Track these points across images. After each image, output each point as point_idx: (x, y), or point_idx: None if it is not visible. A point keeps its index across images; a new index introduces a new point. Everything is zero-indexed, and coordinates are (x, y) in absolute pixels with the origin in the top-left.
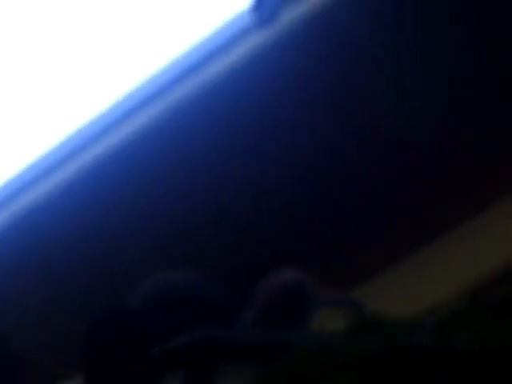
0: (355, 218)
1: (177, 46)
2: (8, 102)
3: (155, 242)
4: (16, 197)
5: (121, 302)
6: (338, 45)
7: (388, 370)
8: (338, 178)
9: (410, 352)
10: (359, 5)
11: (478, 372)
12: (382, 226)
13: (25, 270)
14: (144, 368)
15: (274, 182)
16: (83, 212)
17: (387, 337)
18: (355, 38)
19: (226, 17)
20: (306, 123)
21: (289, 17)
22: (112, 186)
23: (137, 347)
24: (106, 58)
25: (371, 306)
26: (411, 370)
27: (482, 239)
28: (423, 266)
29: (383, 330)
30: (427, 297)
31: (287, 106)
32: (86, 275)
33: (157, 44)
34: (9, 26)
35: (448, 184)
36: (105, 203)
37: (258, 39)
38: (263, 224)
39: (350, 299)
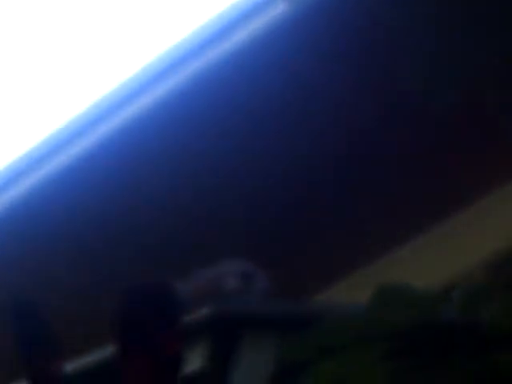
0: (373, 185)
1: (182, 28)
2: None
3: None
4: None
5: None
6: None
7: (416, 343)
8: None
9: (438, 325)
10: None
11: (505, 347)
12: (402, 197)
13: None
14: (173, 339)
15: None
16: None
17: (414, 309)
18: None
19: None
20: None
21: None
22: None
23: (167, 319)
24: (100, 47)
25: (392, 279)
26: (439, 344)
27: (503, 212)
28: (442, 239)
29: (410, 302)
30: (446, 270)
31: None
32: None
33: (156, 31)
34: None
35: (470, 158)
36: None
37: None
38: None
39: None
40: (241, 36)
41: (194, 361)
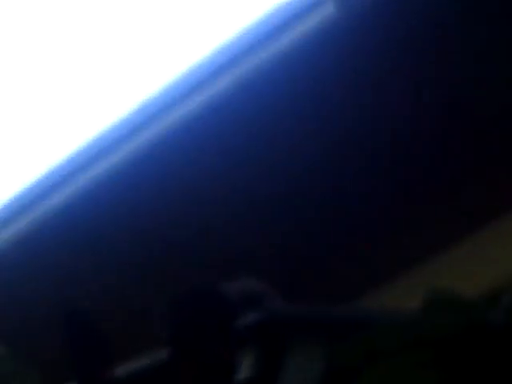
0: (429, 186)
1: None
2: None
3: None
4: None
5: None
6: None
7: (464, 347)
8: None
9: (487, 329)
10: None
11: None
12: (447, 202)
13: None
14: (225, 344)
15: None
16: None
17: (462, 314)
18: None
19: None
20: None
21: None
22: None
23: (219, 324)
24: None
25: (440, 283)
26: (488, 348)
27: None
28: (492, 242)
29: (458, 306)
30: (494, 274)
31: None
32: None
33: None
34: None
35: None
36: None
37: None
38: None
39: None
40: (289, 38)
41: (244, 366)
